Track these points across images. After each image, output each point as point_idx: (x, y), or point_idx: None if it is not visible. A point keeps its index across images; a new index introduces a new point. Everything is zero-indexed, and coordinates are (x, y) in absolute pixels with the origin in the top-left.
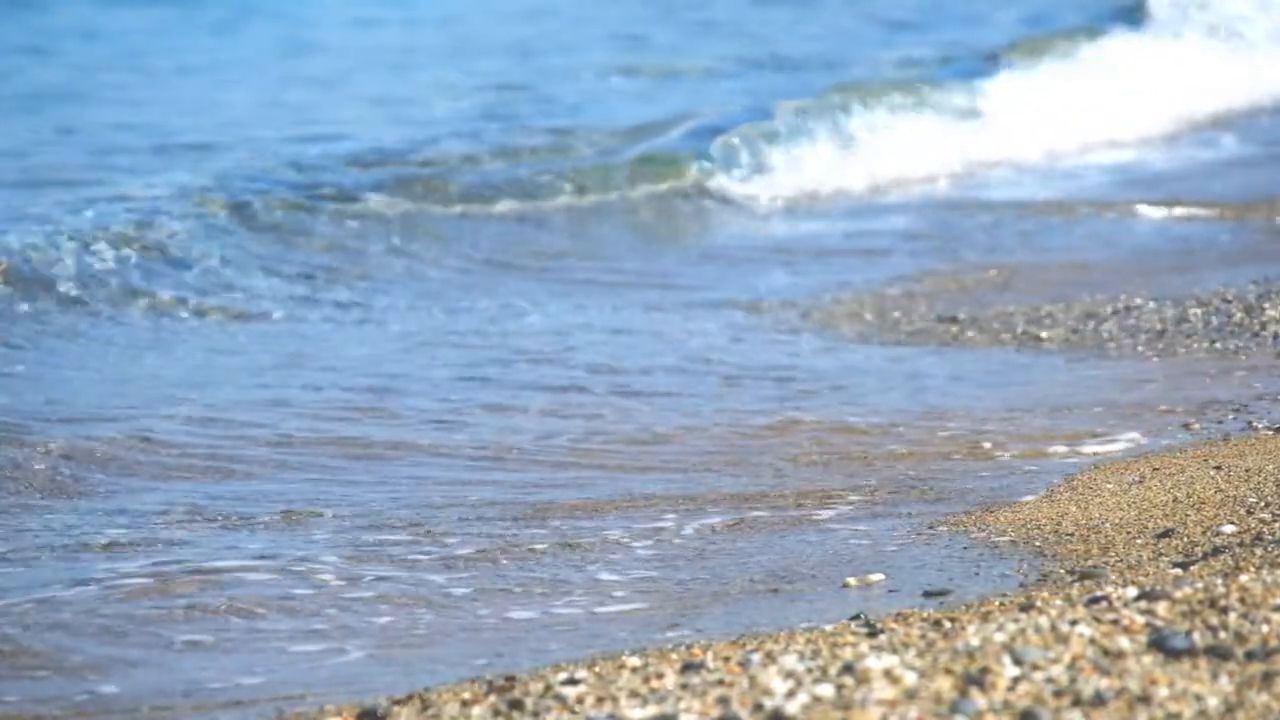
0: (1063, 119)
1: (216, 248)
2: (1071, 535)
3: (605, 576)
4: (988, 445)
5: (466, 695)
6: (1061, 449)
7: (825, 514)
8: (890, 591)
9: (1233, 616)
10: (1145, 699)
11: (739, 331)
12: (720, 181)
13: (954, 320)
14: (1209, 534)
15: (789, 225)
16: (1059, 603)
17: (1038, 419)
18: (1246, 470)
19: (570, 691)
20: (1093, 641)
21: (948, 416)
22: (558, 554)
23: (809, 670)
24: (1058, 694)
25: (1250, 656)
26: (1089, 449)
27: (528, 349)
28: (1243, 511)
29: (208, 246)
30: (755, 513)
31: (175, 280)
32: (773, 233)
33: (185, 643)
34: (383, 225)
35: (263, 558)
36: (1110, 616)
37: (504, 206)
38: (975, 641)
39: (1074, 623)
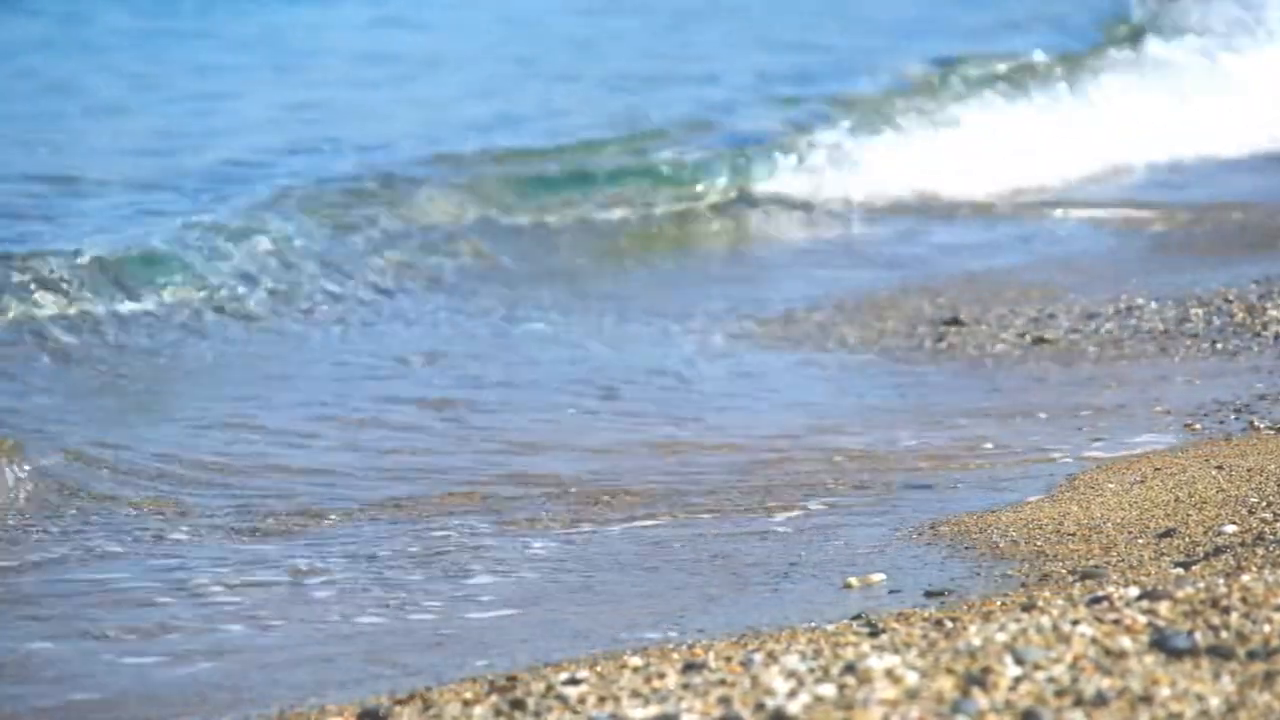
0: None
1: (252, 252)
2: (1073, 535)
3: (483, 580)
4: (989, 447)
5: (468, 695)
6: (1062, 449)
7: (781, 517)
8: (892, 591)
9: (1234, 616)
10: (1147, 699)
11: (733, 344)
12: (750, 189)
13: (955, 322)
14: (1211, 534)
15: (816, 231)
16: (1060, 602)
17: (1039, 419)
18: (1248, 470)
19: (572, 691)
20: (1094, 641)
21: (950, 419)
22: (432, 560)
23: (811, 670)
24: (1059, 694)
25: (1252, 656)
26: (1090, 449)
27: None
28: (1244, 511)
29: (245, 250)
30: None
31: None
32: (789, 239)
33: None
34: (398, 230)
35: (121, 568)
36: (1112, 616)
37: (521, 216)
38: (977, 641)
39: (1076, 622)
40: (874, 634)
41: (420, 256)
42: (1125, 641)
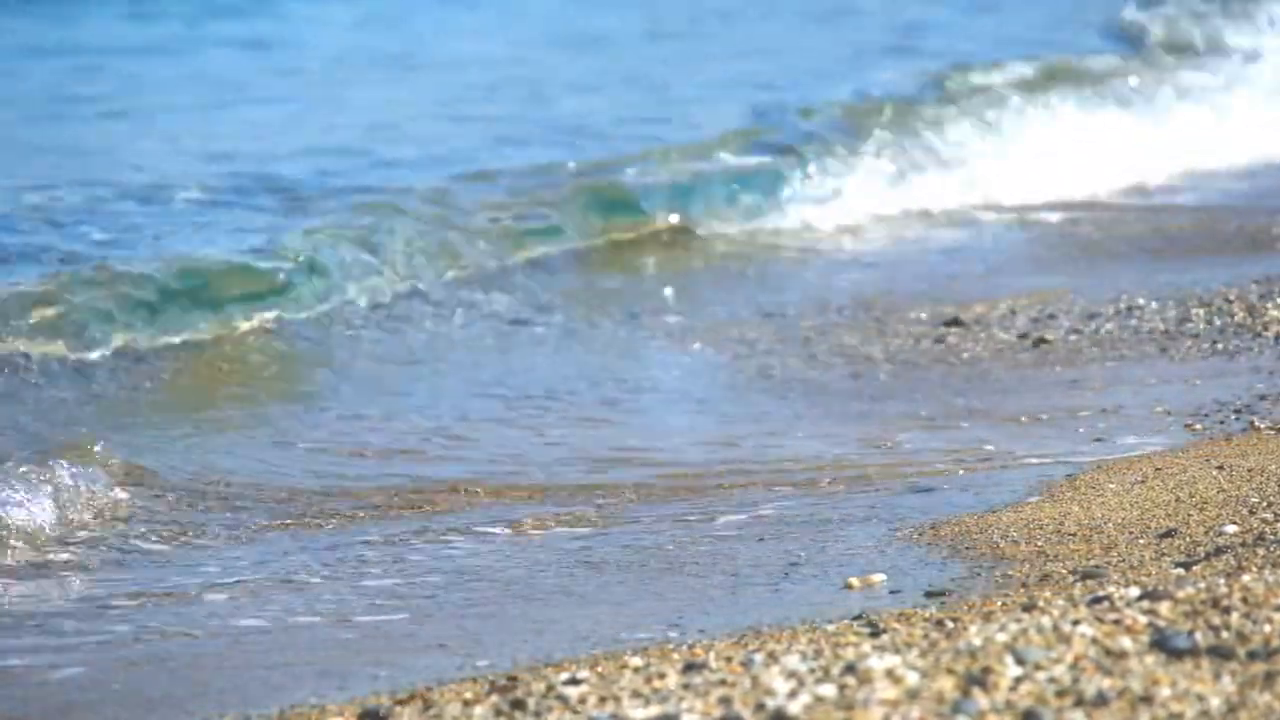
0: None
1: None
2: (1074, 535)
3: (479, 580)
4: (989, 448)
5: (469, 695)
6: (1062, 449)
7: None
8: (892, 592)
9: (1235, 616)
10: (1147, 699)
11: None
12: (778, 200)
13: (955, 323)
14: (1211, 534)
15: (844, 240)
16: (1061, 603)
17: (1039, 419)
18: (1249, 470)
19: (572, 691)
20: (1095, 641)
21: (950, 420)
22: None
23: (811, 670)
24: (1060, 694)
25: (1252, 656)
26: (1090, 449)
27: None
28: (1245, 511)
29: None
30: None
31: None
32: (819, 248)
33: None
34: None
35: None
36: (1112, 616)
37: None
38: (977, 641)
39: (1076, 623)
40: (875, 634)
41: (460, 264)
42: (1126, 642)
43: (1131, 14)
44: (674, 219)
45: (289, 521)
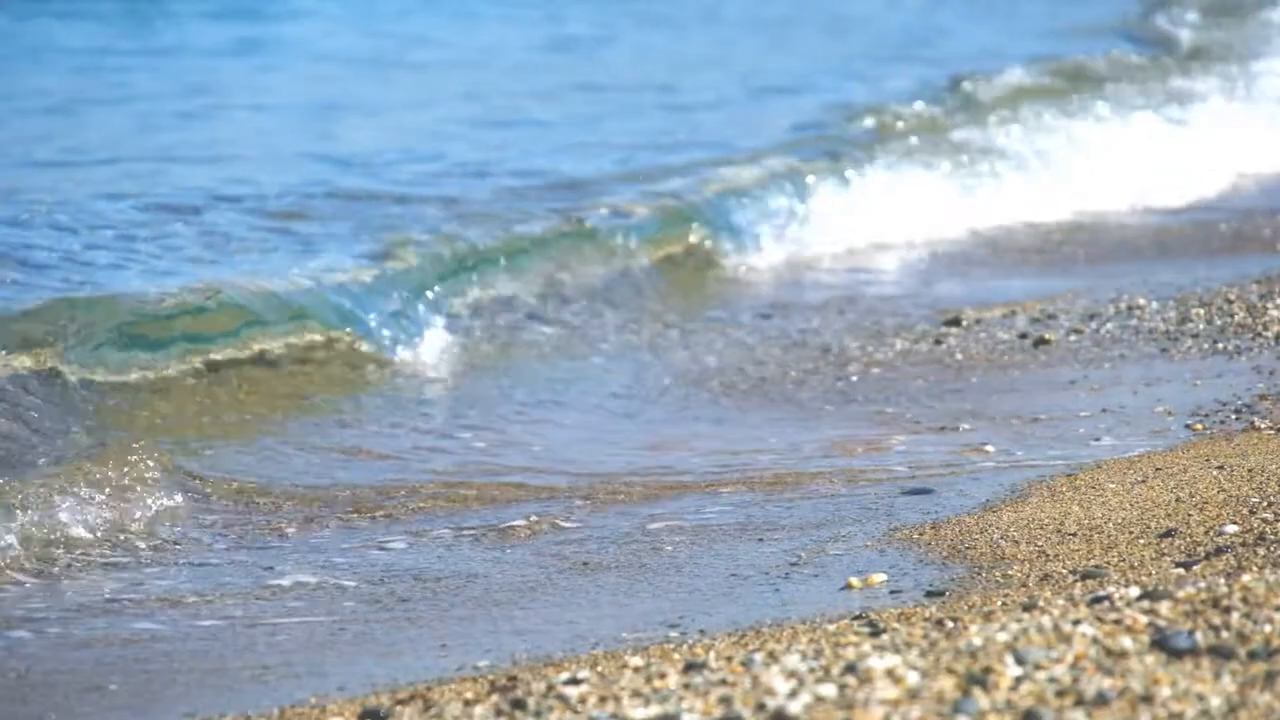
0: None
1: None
2: (1074, 535)
3: (476, 579)
4: (990, 449)
5: (469, 694)
6: (1063, 449)
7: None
8: (893, 591)
9: (1235, 616)
10: (1148, 699)
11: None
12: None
13: (955, 323)
14: (1211, 534)
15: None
16: (1062, 602)
17: (1039, 419)
18: (1249, 470)
19: (573, 691)
20: (1095, 641)
21: (950, 421)
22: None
23: (812, 670)
24: (1060, 694)
25: (1253, 656)
26: (1091, 449)
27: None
28: (1245, 511)
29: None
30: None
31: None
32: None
33: None
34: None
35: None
36: (1113, 616)
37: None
38: (978, 641)
39: (1077, 622)
40: (875, 634)
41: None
42: (1126, 641)
43: (1145, 20)
44: (697, 232)
45: (286, 524)
